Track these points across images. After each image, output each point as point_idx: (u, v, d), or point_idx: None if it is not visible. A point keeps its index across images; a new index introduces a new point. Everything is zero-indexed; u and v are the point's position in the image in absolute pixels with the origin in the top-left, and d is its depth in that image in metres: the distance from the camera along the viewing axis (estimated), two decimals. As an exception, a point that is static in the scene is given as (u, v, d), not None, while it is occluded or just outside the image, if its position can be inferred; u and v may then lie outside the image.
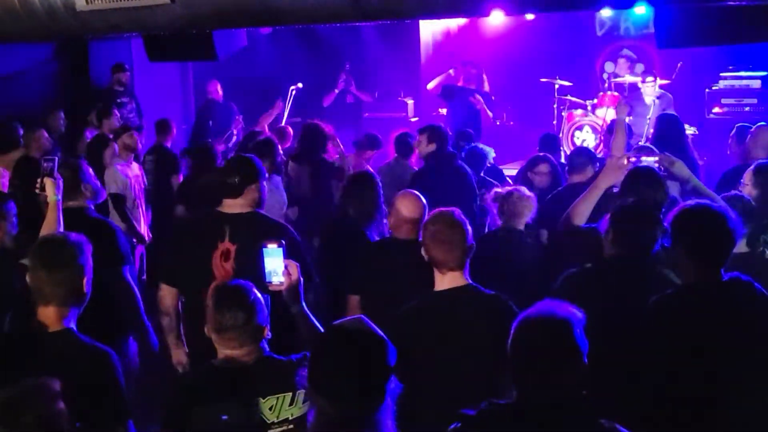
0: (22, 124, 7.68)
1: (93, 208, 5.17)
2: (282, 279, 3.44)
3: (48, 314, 3.26)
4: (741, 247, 4.15)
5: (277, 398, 3.16)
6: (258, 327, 3.22)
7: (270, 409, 3.15)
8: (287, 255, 3.49)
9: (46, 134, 7.74)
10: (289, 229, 4.54)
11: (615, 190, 5.70)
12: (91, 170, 5.24)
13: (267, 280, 3.45)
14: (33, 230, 4.53)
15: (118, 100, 10.37)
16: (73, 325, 3.30)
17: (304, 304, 3.49)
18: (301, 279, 3.47)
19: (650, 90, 10.15)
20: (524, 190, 5.45)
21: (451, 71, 10.49)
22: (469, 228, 3.67)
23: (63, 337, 3.25)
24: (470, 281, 3.62)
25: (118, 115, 9.07)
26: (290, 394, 3.17)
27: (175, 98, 12.23)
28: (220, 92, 11.26)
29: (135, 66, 10.70)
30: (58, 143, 8.50)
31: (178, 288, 4.55)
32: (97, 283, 3.45)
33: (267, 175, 4.94)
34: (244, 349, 3.19)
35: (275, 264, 3.45)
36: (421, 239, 3.71)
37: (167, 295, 4.54)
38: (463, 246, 3.60)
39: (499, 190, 5.67)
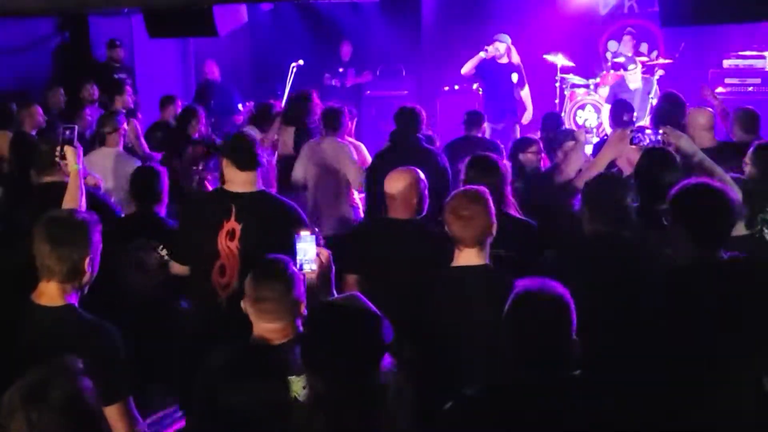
0: (16, 100, 7.65)
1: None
2: (314, 266, 3.46)
3: (50, 289, 3.26)
4: (740, 229, 4.13)
5: None
6: (295, 301, 3.22)
7: (303, 387, 3.08)
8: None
9: (41, 110, 7.70)
10: (295, 209, 4.52)
11: (614, 169, 5.71)
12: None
13: (299, 267, 3.45)
14: (28, 205, 4.51)
15: (116, 76, 10.35)
16: (74, 302, 3.29)
17: (335, 291, 3.51)
18: (333, 266, 3.46)
19: (633, 77, 10.13)
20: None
21: (482, 53, 10.32)
22: (492, 207, 3.67)
23: (64, 312, 3.24)
24: (488, 262, 3.62)
25: (131, 91, 9.01)
26: None
27: (175, 75, 12.18)
28: (217, 72, 11.20)
29: (135, 42, 10.67)
30: (59, 119, 8.46)
31: (187, 265, 4.56)
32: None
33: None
34: (280, 323, 3.18)
35: (308, 251, 3.47)
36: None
37: (179, 272, 4.58)
38: (482, 224, 3.59)
39: None
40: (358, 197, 6.98)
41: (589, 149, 8.19)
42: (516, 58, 10.33)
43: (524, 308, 2.59)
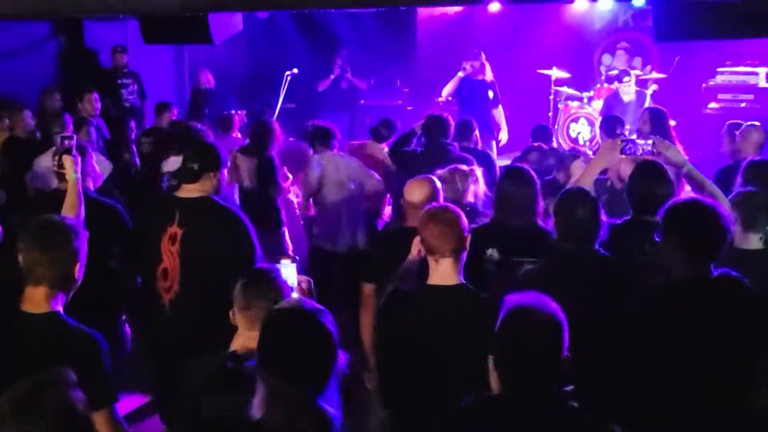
0: (5, 105, 7.62)
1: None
2: (294, 295, 3.43)
3: (36, 295, 3.24)
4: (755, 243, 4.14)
5: None
6: None
7: None
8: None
9: (30, 114, 7.69)
10: (240, 216, 4.53)
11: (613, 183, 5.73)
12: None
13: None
14: (22, 211, 4.50)
15: (119, 81, 10.34)
16: (59, 309, 3.28)
17: None
18: (315, 295, 3.46)
19: (627, 89, 10.18)
20: (463, 166, 5.40)
21: (460, 73, 10.38)
22: (466, 221, 3.65)
23: (49, 319, 3.23)
24: (463, 280, 3.57)
25: (98, 98, 8.96)
26: None
27: (169, 81, 12.17)
28: (212, 81, 11.20)
29: (130, 47, 10.64)
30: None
31: (135, 270, 4.67)
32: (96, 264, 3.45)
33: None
34: None
35: (288, 279, 3.44)
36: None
37: (128, 275, 4.72)
38: (459, 232, 3.54)
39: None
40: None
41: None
42: (490, 76, 10.37)
43: (518, 324, 2.58)
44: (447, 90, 10.43)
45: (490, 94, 10.29)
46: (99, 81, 9.72)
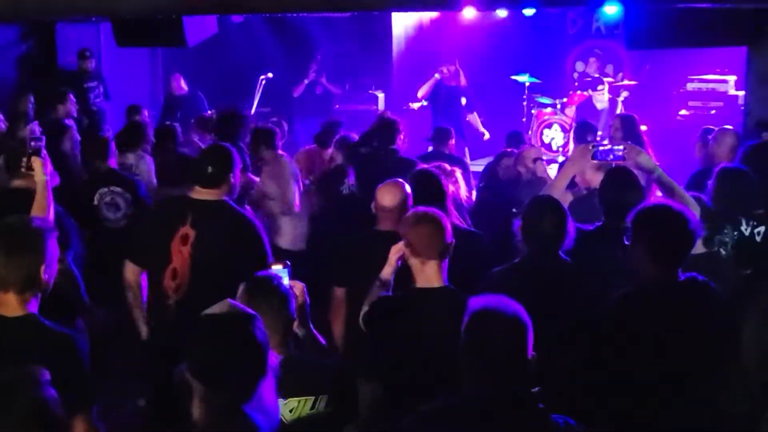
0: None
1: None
2: None
3: (8, 300, 3.20)
4: (698, 248, 4.21)
5: (299, 401, 3.11)
6: (289, 317, 3.21)
7: (290, 411, 3.10)
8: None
9: (2, 117, 7.65)
10: (253, 221, 4.54)
11: (581, 188, 5.78)
12: None
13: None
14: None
15: (86, 85, 10.28)
16: (35, 309, 3.25)
17: (311, 325, 3.49)
18: (308, 300, 3.45)
19: (600, 97, 10.29)
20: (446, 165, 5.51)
21: (436, 75, 10.44)
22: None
23: (26, 322, 3.19)
24: (446, 282, 3.60)
25: (74, 100, 8.92)
26: (312, 398, 3.12)
27: (143, 83, 12.11)
28: (184, 86, 11.18)
29: (103, 50, 10.59)
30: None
31: (140, 267, 4.59)
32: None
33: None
34: (274, 338, 3.10)
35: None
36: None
37: (129, 271, 4.60)
38: (446, 235, 3.59)
39: None
40: None
41: (554, 169, 8.31)
42: (464, 82, 10.45)
43: (482, 325, 2.60)
44: (422, 91, 10.50)
45: (463, 100, 10.35)
46: (66, 84, 9.65)
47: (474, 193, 7.47)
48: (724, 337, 3.18)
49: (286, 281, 3.43)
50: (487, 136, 10.55)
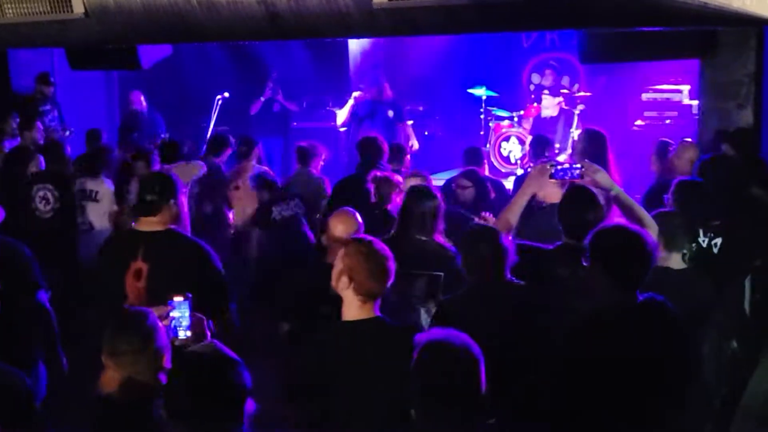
0: None
1: None
2: (188, 333, 3.36)
3: None
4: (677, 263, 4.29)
5: None
6: (156, 353, 3.11)
7: None
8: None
9: None
10: (202, 245, 4.47)
11: (542, 203, 5.80)
12: None
13: (173, 334, 3.36)
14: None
15: (41, 109, 10.14)
16: None
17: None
18: (209, 334, 3.39)
19: (546, 102, 10.40)
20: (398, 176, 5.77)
21: (351, 100, 10.53)
22: None
23: None
24: (378, 312, 3.41)
25: (41, 128, 8.82)
26: None
27: (99, 106, 11.97)
28: (144, 103, 11.09)
29: (57, 73, 10.45)
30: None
31: (98, 307, 4.47)
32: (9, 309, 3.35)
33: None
34: (140, 376, 3.07)
35: (182, 317, 3.38)
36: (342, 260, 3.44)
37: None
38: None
39: None
40: None
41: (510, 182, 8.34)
42: (389, 93, 10.48)
43: (432, 359, 2.57)
44: (341, 118, 10.59)
45: (390, 113, 10.39)
46: (20, 108, 9.53)
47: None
48: (682, 358, 3.20)
49: (187, 314, 3.38)
50: (416, 146, 10.60)
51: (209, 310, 3.86)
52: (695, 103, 9.76)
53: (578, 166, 4.63)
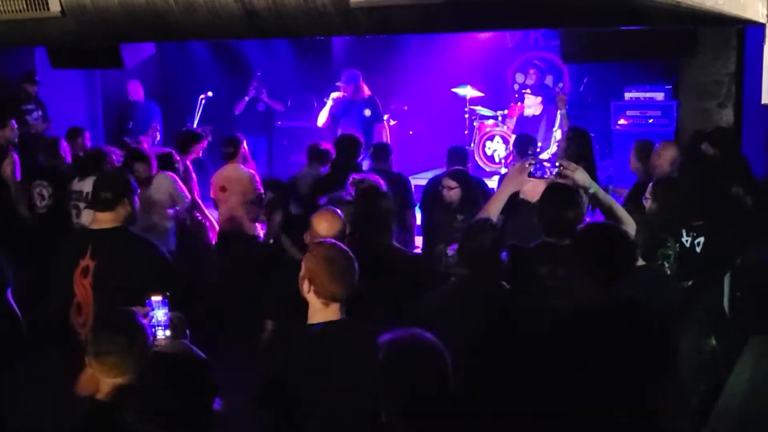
0: None
1: None
2: (168, 333, 3.35)
3: None
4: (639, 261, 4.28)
5: None
6: (143, 353, 3.07)
7: None
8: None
9: None
10: (153, 244, 4.47)
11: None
12: None
13: (151, 334, 3.35)
14: None
15: (24, 107, 10.09)
16: None
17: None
18: (188, 331, 3.39)
19: (528, 102, 10.43)
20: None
21: (330, 101, 10.54)
22: None
23: None
24: (343, 314, 3.39)
25: (16, 126, 8.76)
26: None
27: (80, 103, 11.90)
28: (141, 93, 11.10)
29: (38, 70, 10.39)
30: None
31: (52, 305, 4.53)
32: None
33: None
34: (125, 377, 3.04)
35: (159, 317, 3.36)
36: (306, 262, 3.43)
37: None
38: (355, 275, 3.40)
39: None
40: None
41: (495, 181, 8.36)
42: (367, 92, 10.48)
43: (396, 360, 2.56)
44: (322, 119, 10.57)
45: (367, 112, 10.39)
46: (2, 107, 9.48)
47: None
48: (661, 355, 3.22)
49: (164, 313, 3.36)
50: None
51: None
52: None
53: (557, 164, 4.64)
